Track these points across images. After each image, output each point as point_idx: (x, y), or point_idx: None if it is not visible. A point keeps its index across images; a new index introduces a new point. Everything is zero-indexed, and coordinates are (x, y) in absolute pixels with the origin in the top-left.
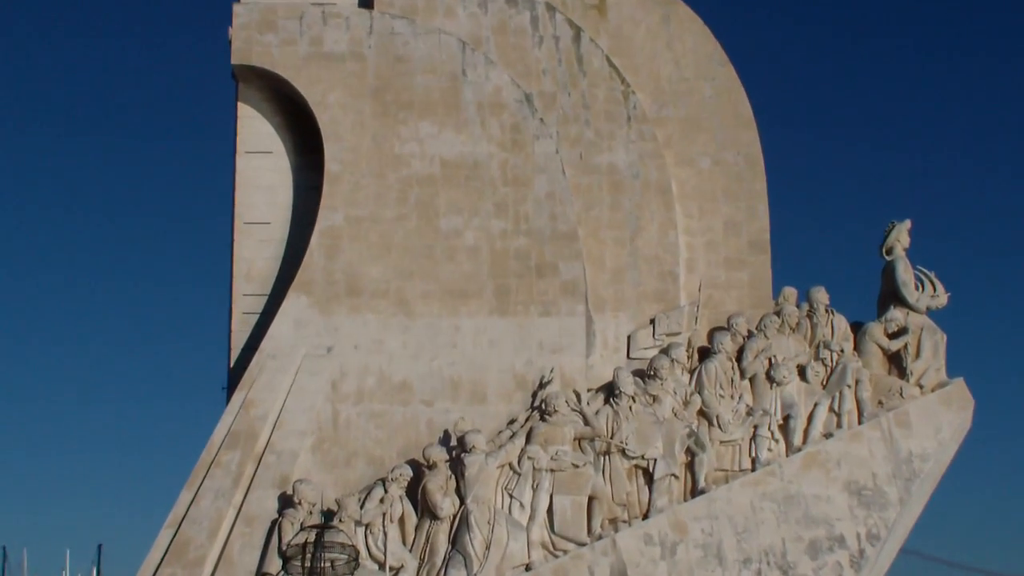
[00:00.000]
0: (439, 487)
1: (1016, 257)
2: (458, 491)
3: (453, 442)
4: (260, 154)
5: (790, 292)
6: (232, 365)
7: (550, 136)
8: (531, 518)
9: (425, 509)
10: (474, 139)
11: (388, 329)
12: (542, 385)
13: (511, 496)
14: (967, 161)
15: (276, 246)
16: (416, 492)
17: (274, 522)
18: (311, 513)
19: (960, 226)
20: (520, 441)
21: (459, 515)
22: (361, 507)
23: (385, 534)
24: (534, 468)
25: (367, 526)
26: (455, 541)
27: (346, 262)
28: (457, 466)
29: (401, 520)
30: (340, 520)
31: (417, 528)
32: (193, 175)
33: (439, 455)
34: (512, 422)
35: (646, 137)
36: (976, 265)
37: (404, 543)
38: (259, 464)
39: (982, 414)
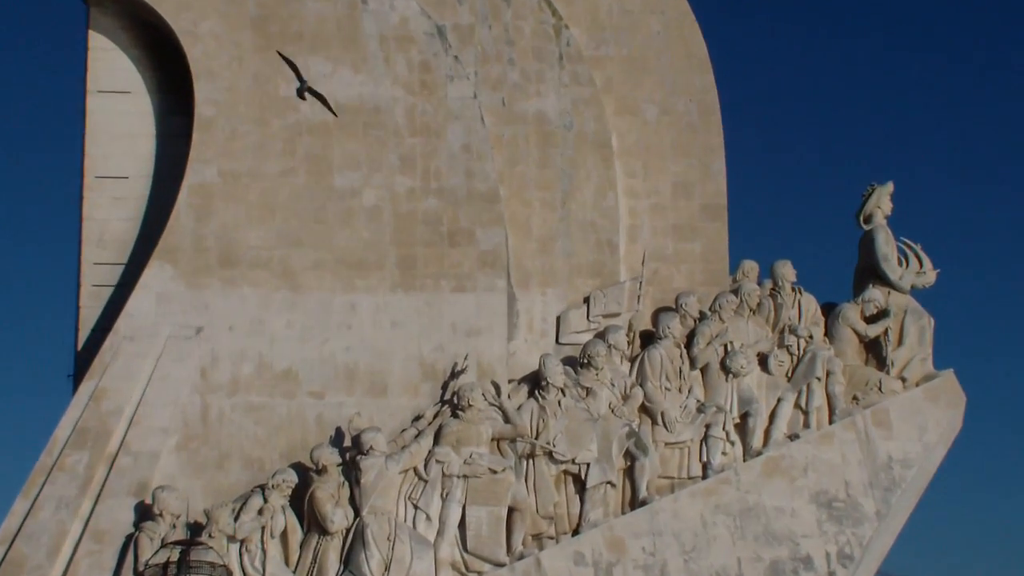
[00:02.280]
0: (329, 496)
1: (1016, 228)
2: (352, 500)
3: (347, 442)
4: (116, 94)
5: (750, 267)
6: (80, 348)
7: (466, 77)
8: (439, 533)
9: (313, 522)
10: (375, 79)
11: (270, 306)
12: (454, 375)
13: (416, 507)
14: (960, 115)
15: (135, 205)
16: (302, 502)
17: (129, 537)
18: (174, 527)
19: (950, 190)
20: (427, 441)
21: (353, 529)
22: (235, 519)
23: (264, 552)
24: (444, 474)
25: (242, 542)
26: (348, 560)
27: (219, 225)
28: (351, 471)
29: (284, 535)
30: (210, 535)
31: (303, 545)
32: (33, 118)
33: (330, 458)
34: (418, 418)
35: (581, 80)
36: (969, 237)
37: (287, 562)
38: (112, 468)
39: (974, 412)
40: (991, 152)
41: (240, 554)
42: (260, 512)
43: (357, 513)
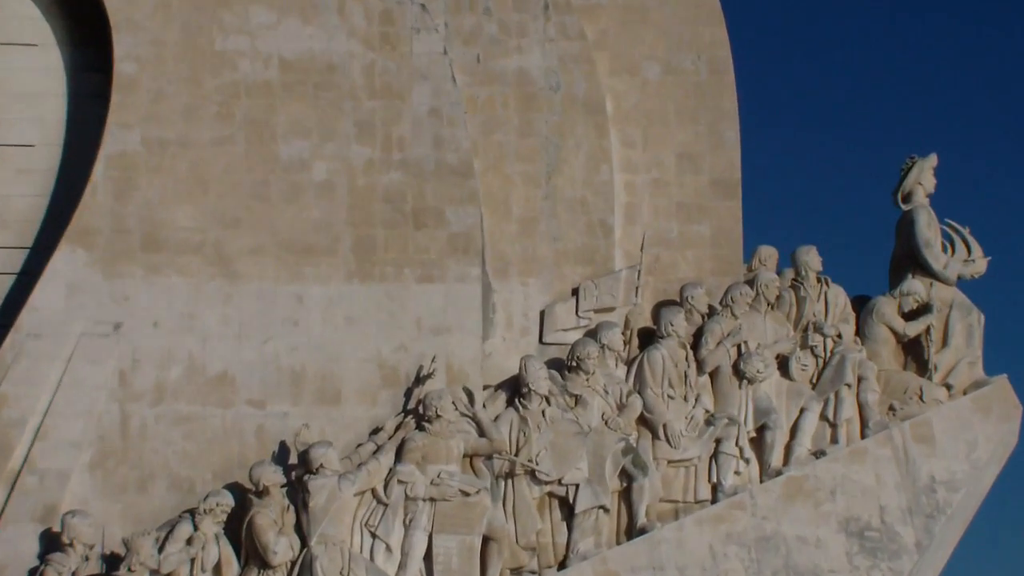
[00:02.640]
0: (271, 523)
1: None
2: (299, 528)
3: (293, 459)
4: (19, 47)
5: (768, 254)
6: None
7: (435, 30)
8: (401, 566)
9: (251, 553)
10: (328, 32)
11: (202, 298)
12: (420, 380)
13: (374, 535)
14: (1017, 79)
15: (42, 179)
16: (239, 529)
17: (33, 571)
18: (87, 559)
19: (1003, 166)
20: (388, 458)
21: (300, 561)
22: (160, 550)
23: None
24: (407, 496)
25: None
26: None
27: (143, 203)
28: (298, 493)
29: (217, 568)
30: (129, 568)
31: None
32: None
33: (272, 477)
34: (377, 431)
35: (570, 34)
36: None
37: None
38: (13, 489)
39: None
40: None
41: None
42: (189, 542)
43: (304, 543)
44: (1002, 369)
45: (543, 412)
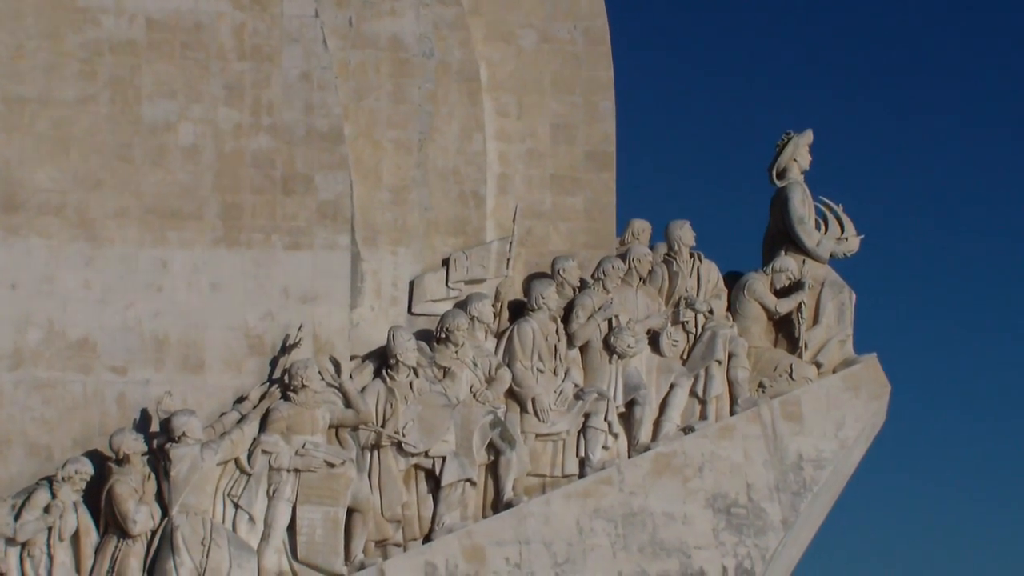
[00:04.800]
0: (132, 491)
1: (950, 191)
2: (160, 497)
3: (155, 427)
4: None
5: (641, 227)
6: None
7: None
8: (264, 538)
9: (111, 522)
10: None
11: (62, 261)
12: (286, 349)
13: (237, 506)
14: (898, 59)
15: None
16: (98, 498)
17: None
18: None
19: (877, 144)
20: (252, 428)
21: (160, 531)
22: (16, 518)
23: (51, 558)
24: (271, 467)
25: (24, 546)
26: (153, 568)
27: (1, 163)
28: (159, 461)
29: (75, 537)
30: None
31: (98, 550)
32: None
33: (133, 445)
34: (241, 400)
35: None
36: (900, 198)
37: (78, 570)
38: None
39: (900, 403)
40: (925, 100)
41: (21, 560)
42: (47, 510)
43: (165, 512)
44: (872, 348)
45: (411, 384)
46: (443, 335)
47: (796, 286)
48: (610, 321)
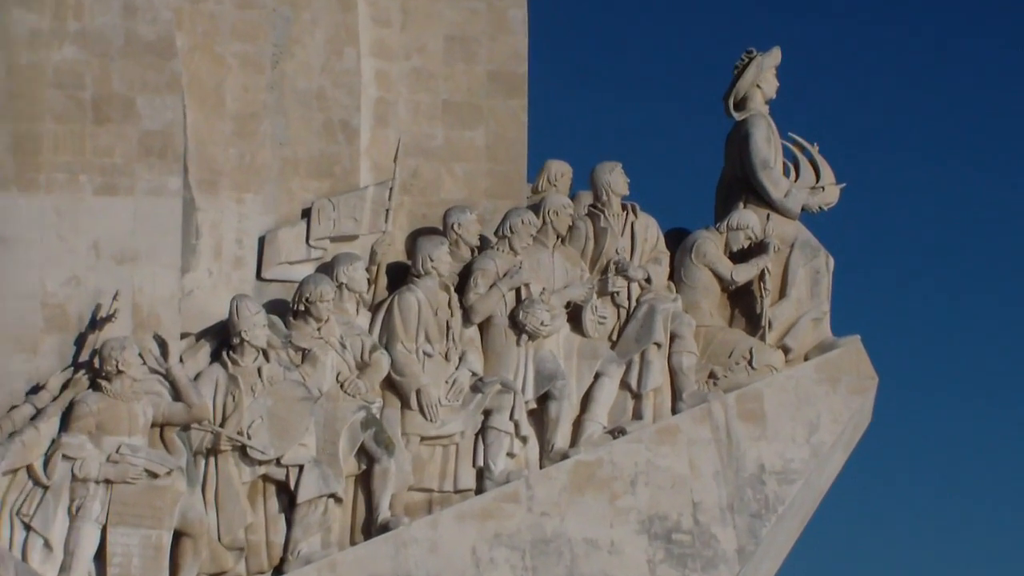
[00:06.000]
0: None
1: (956, 127)
2: None
3: None
4: None
5: (560, 171)
6: None
7: None
8: (65, 568)
9: None
10: None
11: None
12: (97, 324)
13: (28, 528)
14: None
15: None
16: None
17: None
18: None
19: (858, 67)
20: (51, 426)
21: None
22: None
23: None
24: (74, 476)
25: None
26: None
27: None
28: None
29: None
30: None
31: None
32: None
33: None
34: (37, 390)
35: None
36: (893, 137)
37: None
38: None
39: (889, 398)
40: (909, 23)
41: None
42: None
43: None
44: (855, 329)
45: (259, 370)
46: (302, 307)
47: (758, 248)
48: (518, 291)
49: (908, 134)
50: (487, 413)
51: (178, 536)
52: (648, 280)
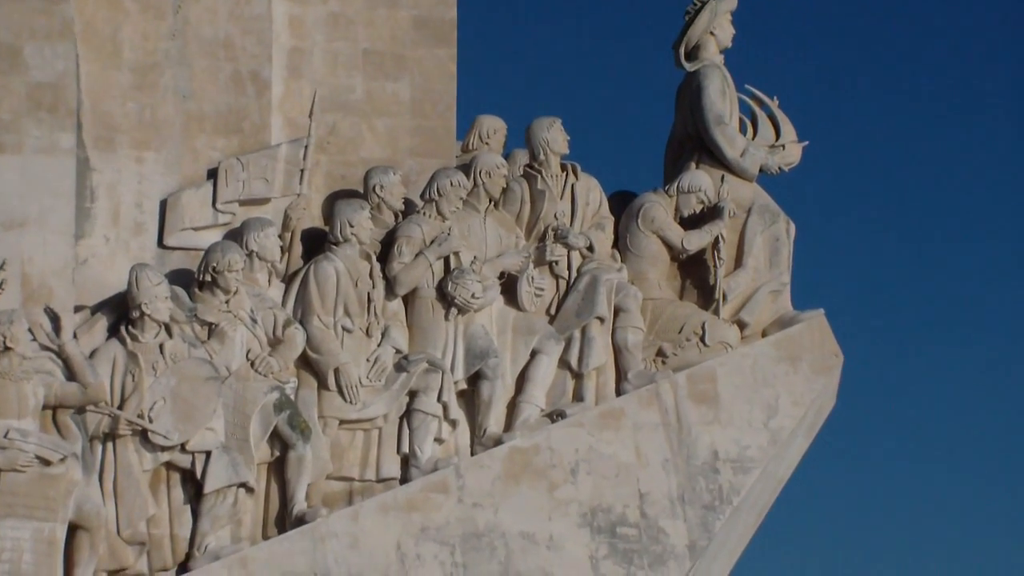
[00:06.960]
0: None
1: (932, 79)
2: None
3: None
4: None
5: (493, 127)
6: None
7: None
8: None
9: None
10: None
11: None
12: None
13: None
14: None
15: None
16: None
17: None
18: None
19: (824, 10)
20: None
21: None
22: None
23: None
24: None
25: None
26: None
27: None
28: None
29: None
30: None
31: None
32: None
33: None
34: None
35: None
36: (862, 90)
37: None
38: None
39: (854, 379)
40: None
41: None
42: None
43: None
44: (818, 303)
45: (161, 347)
46: (208, 278)
47: (711, 213)
48: (447, 260)
49: (878, 86)
50: (412, 394)
51: (73, 529)
52: (590, 248)
